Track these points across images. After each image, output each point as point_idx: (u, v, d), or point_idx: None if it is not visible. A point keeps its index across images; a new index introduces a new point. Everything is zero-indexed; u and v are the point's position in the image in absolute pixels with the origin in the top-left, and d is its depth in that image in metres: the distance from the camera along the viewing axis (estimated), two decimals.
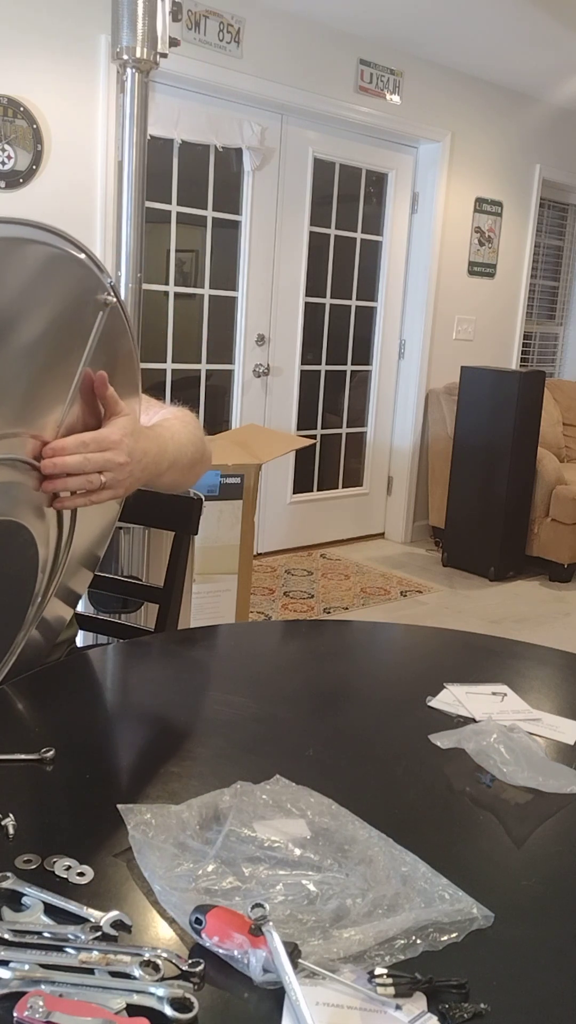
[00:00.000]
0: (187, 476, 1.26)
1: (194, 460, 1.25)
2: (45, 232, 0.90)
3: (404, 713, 1.08)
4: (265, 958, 0.61)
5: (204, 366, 4.12)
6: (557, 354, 5.94)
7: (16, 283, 0.87)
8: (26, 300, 0.89)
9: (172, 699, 1.09)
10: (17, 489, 0.96)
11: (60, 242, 0.92)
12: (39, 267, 0.90)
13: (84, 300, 0.97)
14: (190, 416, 1.31)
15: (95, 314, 0.99)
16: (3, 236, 0.86)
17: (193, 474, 1.28)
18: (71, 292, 0.95)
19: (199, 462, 1.28)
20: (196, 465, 1.27)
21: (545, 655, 1.32)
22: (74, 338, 0.98)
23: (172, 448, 1.17)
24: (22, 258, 0.88)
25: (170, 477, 1.18)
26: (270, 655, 1.29)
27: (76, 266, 0.95)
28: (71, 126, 3.33)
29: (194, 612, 2.73)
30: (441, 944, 0.67)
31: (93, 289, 0.98)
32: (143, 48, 2.18)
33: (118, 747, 0.95)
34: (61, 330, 0.95)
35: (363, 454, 4.97)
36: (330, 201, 4.44)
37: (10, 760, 0.89)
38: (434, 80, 4.50)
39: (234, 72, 3.73)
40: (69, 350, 0.98)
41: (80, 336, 0.98)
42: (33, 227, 0.89)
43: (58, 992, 0.60)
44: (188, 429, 1.25)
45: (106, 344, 1.02)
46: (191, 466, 1.25)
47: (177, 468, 1.19)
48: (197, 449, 1.26)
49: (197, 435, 1.27)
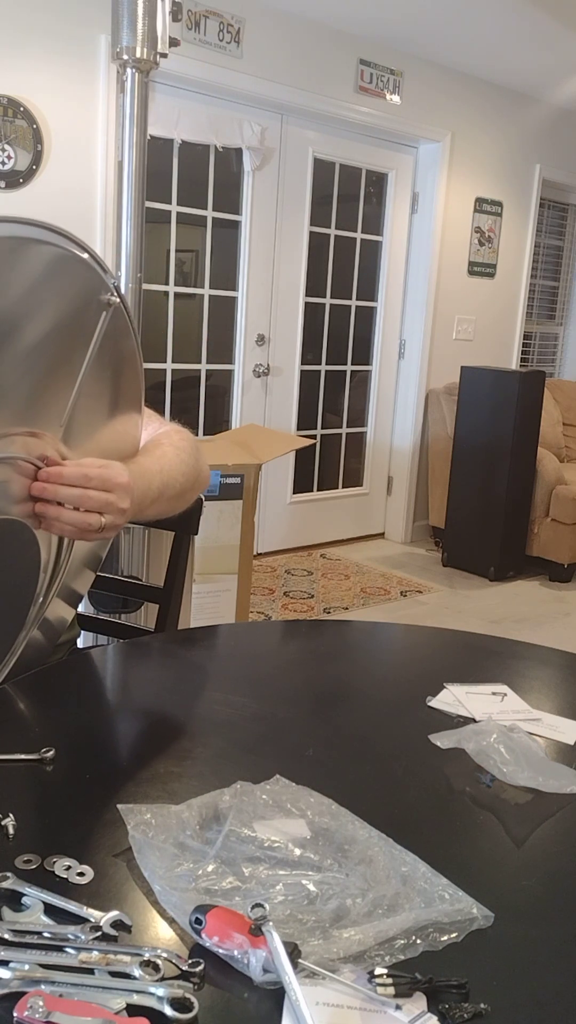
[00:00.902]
0: (173, 505, 1.22)
1: (183, 489, 1.21)
2: (48, 231, 0.90)
3: (404, 713, 1.08)
4: (265, 958, 0.61)
5: (204, 366, 4.12)
6: (557, 354, 5.94)
7: (19, 282, 0.87)
8: (29, 299, 0.89)
9: (172, 699, 1.09)
10: (18, 488, 0.96)
11: (63, 241, 0.92)
12: (42, 267, 0.90)
13: (88, 300, 0.97)
14: (186, 439, 1.26)
15: (98, 314, 0.99)
16: (6, 235, 0.86)
17: (182, 501, 1.24)
18: (74, 292, 0.95)
19: (189, 490, 1.24)
20: (186, 493, 1.23)
21: (545, 655, 1.32)
22: (77, 338, 0.98)
23: (159, 483, 1.13)
24: (25, 257, 0.88)
25: (154, 510, 1.15)
26: (270, 655, 1.29)
27: (79, 266, 0.95)
28: (71, 126, 3.33)
29: (194, 612, 2.73)
30: (441, 944, 0.67)
31: (96, 289, 0.98)
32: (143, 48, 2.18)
33: (118, 747, 0.95)
34: (64, 330, 0.95)
35: (363, 454, 4.97)
36: (330, 201, 4.44)
37: (10, 760, 0.89)
38: (434, 80, 4.50)
39: (234, 72, 3.73)
40: (72, 350, 0.97)
41: (83, 336, 0.98)
42: (36, 226, 0.89)
43: (58, 992, 0.60)
44: (181, 457, 1.21)
45: (109, 345, 1.02)
46: (179, 496, 1.21)
47: (162, 500, 1.16)
48: (188, 478, 1.21)
49: (189, 462, 1.23)
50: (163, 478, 1.15)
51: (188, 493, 1.25)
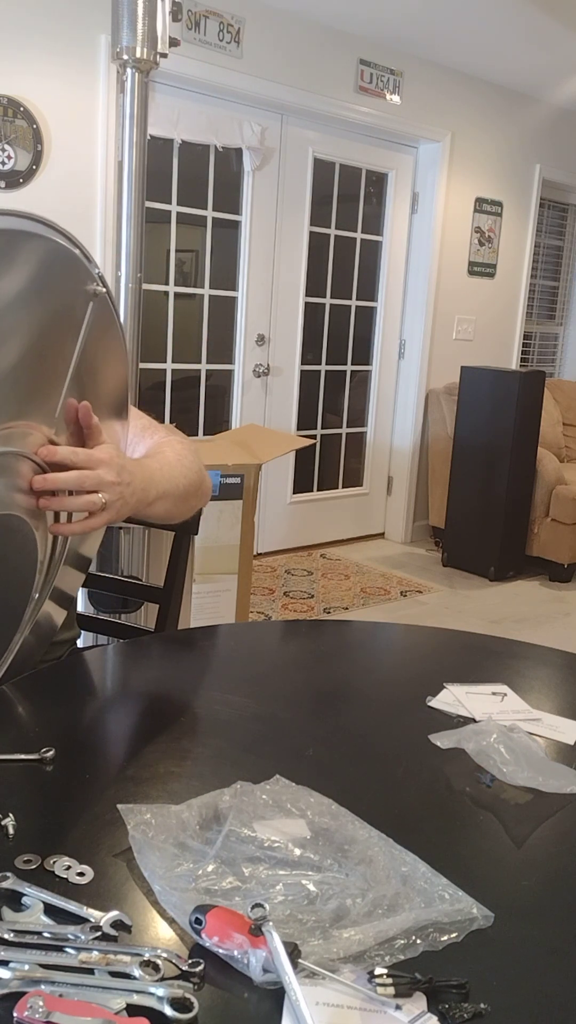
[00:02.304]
0: (180, 508, 1.24)
1: (187, 492, 1.23)
2: (34, 223, 0.90)
3: (404, 713, 1.08)
4: (265, 958, 0.61)
5: (204, 366, 4.12)
6: (557, 354, 5.94)
7: (5, 273, 0.87)
8: (16, 291, 0.88)
9: (172, 699, 1.09)
10: (16, 484, 0.96)
11: (50, 232, 0.92)
12: (29, 258, 0.89)
13: (75, 291, 0.97)
14: (188, 447, 1.28)
15: (85, 305, 0.98)
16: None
17: (187, 506, 1.26)
18: (62, 283, 0.95)
19: (193, 495, 1.25)
20: (190, 498, 1.25)
21: (545, 655, 1.32)
22: (67, 330, 0.97)
23: (160, 478, 1.15)
24: (11, 248, 0.87)
25: (161, 507, 1.17)
26: (270, 655, 1.29)
27: (66, 256, 0.94)
28: (71, 126, 3.33)
29: (194, 612, 2.73)
30: (441, 944, 0.67)
31: (82, 280, 0.97)
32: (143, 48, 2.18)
33: (118, 747, 0.95)
34: (54, 322, 0.95)
35: (363, 454, 4.97)
36: (330, 201, 4.44)
37: (10, 760, 0.89)
38: (434, 80, 4.50)
39: (234, 72, 3.73)
40: (63, 342, 0.97)
41: (72, 328, 0.98)
42: (22, 218, 0.88)
43: (58, 992, 0.60)
44: (183, 462, 1.23)
45: (96, 335, 1.01)
46: (184, 498, 1.23)
47: (168, 499, 1.17)
48: (191, 482, 1.23)
49: (193, 468, 1.25)
50: (164, 475, 1.17)
51: (192, 499, 1.26)
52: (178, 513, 1.25)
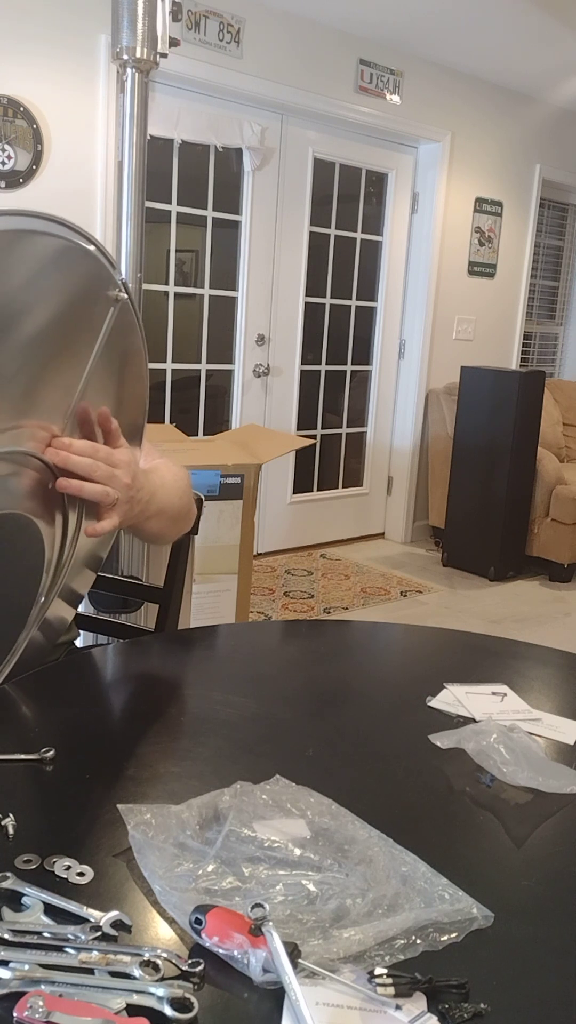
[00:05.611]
0: (171, 529, 1.27)
1: (179, 514, 1.26)
2: (56, 225, 0.90)
3: (404, 713, 1.08)
4: (265, 958, 0.61)
5: (204, 366, 4.12)
6: (557, 354, 5.94)
7: (24, 274, 0.87)
8: (34, 292, 0.88)
9: (172, 699, 1.09)
10: (24, 483, 0.96)
11: (69, 234, 0.92)
12: (49, 259, 0.89)
13: (95, 295, 0.97)
14: (182, 470, 1.31)
15: (106, 309, 0.98)
16: (14, 228, 0.85)
17: (176, 528, 1.29)
18: (81, 286, 0.95)
19: (183, 518, 1.28)
20: (180, 520, 1.28)
21: (545, 655, 1.32)
22: (84, 332, 0.97)
23: (161, 495, 1.17)
24: (32, 250, 0.87)
25: (156, 525, 1.19)
26: (270, 655, 1.29)
27: (87, 260, 0.94)
28: (71, 126, 3.33)
29: (194, 612, 2.73)
30: (441, 944, 0.67)
31: (104, 284, 0.97)
32: (143, 48, 2.18)
33: (118, 747, 0.95)
34: (70, 324, 0.95)
35: (363, 454, 4.97)
36: (330, 201, 4.44)
37: (10, 760, 0.89)
38: (434, 80, 4.50)
39: (234, 72, 3.73)
40: (79, 344, 0.97)
41: (90, 331, 0.98)
42: (45, 219, 0.88)
43: (58, 992, 0.60)
44: (179, 484, 1.26)
45: (116, 341, 1.01)
46: (175, 519, 1.25)
47: (164, 517, 1.20)
48: (184, 504, 1.27)
49: (186, 492, 1.28)
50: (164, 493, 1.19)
51: (181, 521, 1.29)
52: (168, 533, 1.28)
